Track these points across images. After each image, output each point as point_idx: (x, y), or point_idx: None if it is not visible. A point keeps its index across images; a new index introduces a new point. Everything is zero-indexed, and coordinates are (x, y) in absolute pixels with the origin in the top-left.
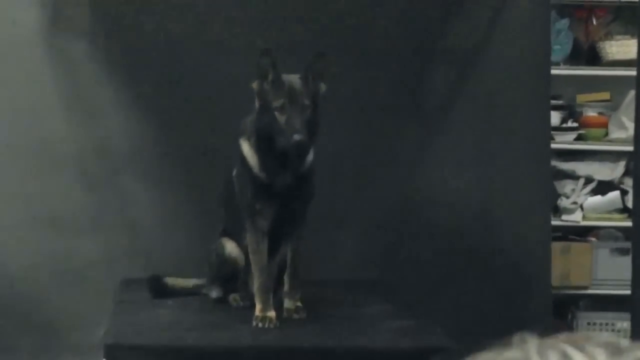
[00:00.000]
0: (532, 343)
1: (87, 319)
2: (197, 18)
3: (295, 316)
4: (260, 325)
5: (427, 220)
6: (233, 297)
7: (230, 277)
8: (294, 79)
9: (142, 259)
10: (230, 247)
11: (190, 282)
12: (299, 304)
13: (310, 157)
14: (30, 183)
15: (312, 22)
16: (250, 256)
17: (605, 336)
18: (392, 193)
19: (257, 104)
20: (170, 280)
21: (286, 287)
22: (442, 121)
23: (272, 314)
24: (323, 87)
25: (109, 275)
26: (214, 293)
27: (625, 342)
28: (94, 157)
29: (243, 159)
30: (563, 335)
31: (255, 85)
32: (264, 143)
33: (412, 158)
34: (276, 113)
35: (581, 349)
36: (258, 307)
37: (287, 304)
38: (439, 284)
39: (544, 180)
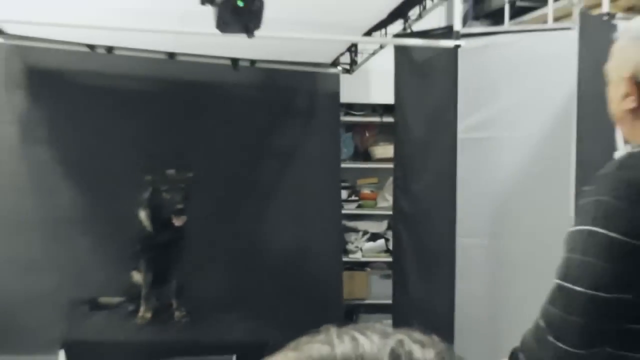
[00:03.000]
0: (333, 330)
1: (51, 325)
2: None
3: (183, 320)
4: (139, 322)
5: (264, 258)
6: (140, 317)
7: (138, 295)
8: (172, 172)
9: (86, 285)
10: (137, 276)
11: (115, 300)
12: (183, 312)
13: (183, 220)
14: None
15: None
16: (142, 277)
17: (379, 326)
18: (245, 241)
19: (150, 189)
20: (103, 300)
21: (174, 304)
22: (271, 194)
23: (148, 314)
24: (190, 174)
25: (64, 297)
26: (130, 307)
27: (390, 329)
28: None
29: (140, 222)
30: (352, 326)
31: (148, 178)
32: (154, 212)
33: (254, 221)
34: (164, 194)
35: (364, 333)
36: (141, 309)
37: (177, 314)
38: (274, 297)
39: (337, 233)
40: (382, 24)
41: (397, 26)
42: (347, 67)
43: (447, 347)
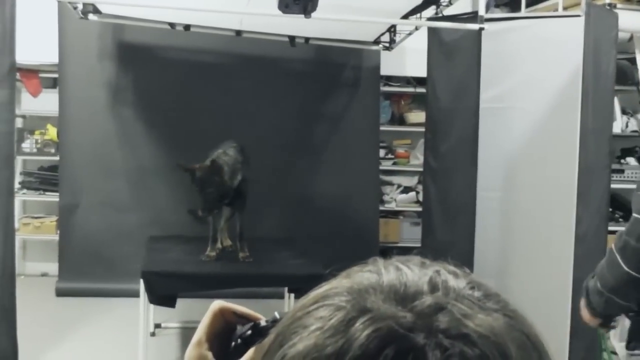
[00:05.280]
0: (379, 261)
1: (133, 257)
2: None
3: (247, 260)
4: (204, 259)
5: (316, 205)
6: (205, 255)
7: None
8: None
9: (161, 225)
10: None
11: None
12: (247, 252)
13: (238, 179)
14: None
15: (247, 99)
16: (211, 223)
17: (418, 258)
18: (297, 191)
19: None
20: (199, 212)
21: (239, 245)
22: (321, 152)
23: (212, 254)
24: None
25: (144, 234)
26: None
27: (428, 261)
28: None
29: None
30: (395, 257)
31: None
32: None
33: (306, 175)
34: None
35: (405, 264)
36: (208, 248)
37: (241, 255)
38: (321, 238)
39: (375, 185)
40: (418, 9)
41: (430, 11)
42: (387, 44)
43: (476, 278)
